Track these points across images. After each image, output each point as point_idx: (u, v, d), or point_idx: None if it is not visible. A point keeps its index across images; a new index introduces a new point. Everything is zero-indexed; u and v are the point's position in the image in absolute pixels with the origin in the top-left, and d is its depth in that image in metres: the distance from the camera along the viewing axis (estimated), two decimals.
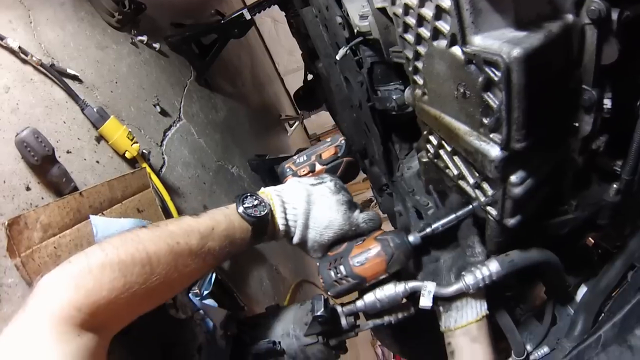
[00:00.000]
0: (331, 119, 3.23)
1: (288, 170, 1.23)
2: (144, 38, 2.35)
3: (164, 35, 2.66)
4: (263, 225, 1.02)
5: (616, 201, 0.88)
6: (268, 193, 1.08)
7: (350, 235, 1.11)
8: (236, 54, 3.94)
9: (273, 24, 5.24)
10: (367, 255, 1.02)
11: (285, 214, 1.06)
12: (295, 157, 1.25)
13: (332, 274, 1.04)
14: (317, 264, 1.09)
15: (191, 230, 0.90)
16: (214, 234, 0.93)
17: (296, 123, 5.39)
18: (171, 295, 0.94)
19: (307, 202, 1.07)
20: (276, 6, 2.85)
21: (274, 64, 5.93)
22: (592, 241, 1.29)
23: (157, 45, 2.45)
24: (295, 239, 1.08)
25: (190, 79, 2.76)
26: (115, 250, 0.76)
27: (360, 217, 1.11)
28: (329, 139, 1.26)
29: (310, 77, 3.38)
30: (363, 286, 1.06)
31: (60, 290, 0.69)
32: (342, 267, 1.03)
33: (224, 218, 0.98)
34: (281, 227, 1.06)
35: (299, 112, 5.50)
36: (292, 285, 3.05)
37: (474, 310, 1.02)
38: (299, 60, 3.44)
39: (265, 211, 1.02)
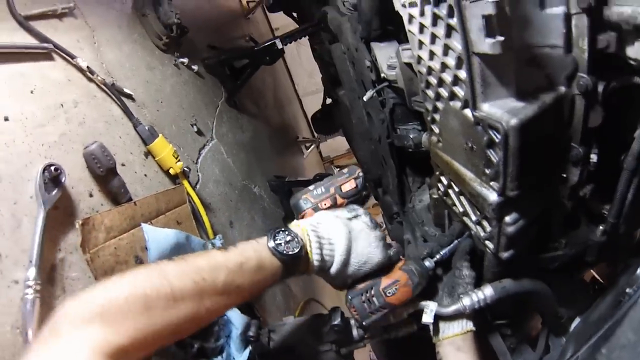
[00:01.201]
0: (345, 144, 3.28)
1: (306, 202, 1.16)
2: (185, 60, 2.50)
3: (200, 56, 2.80)
4: (295, 263, 0.99)
5: (602, 241, 0.99)
6: (304, 228, 1.04)
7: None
8: (261, 76, 4.04)
9: (295, 46, 5.25)
10: (397, 286, 1.10)
11: (322, 249, 1.03)
12: (311, 189, 1.19)
13: (366, 306, 1.09)
14: (349, 296, 1.11)
15: (219, 267, 0.86)
16: (243, 271, 0.89)
17: (312, 146, 5.45)
18: (197, 329, 0.87)
19: (348, 238, 1.05)
20: None
21: (294, 85, 5.99)
22: (594, 274, 1.38)
23: (195, 67, 2.59)
24: (332, 273, 1.06)
25: (221, 100, 2.89)
26: (142, 284, 0.76)
27: (392, 251, 1.14)
28: (345, 170, 1.22)
29: (329, 101, 3.50)
30: (393, 313, 1.14)
31: (92, 321, 0.68)
32: (375, 299, 1.08)
33: (253, 253, 0.94)
34: (316, 264, 1.02)
35: (316, 135, 5.54)
36: (301, 302, 3.13)
37: (459, 325, 1.15)
38: (319, 82, 3.48)
39: (298, 248, 0.98)
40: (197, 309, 0.81)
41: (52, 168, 1.29)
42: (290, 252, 0.97)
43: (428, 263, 1.19)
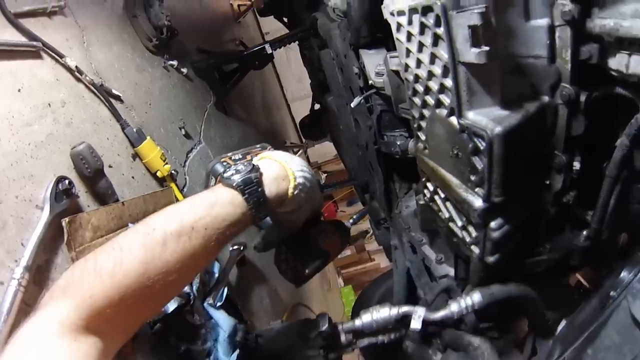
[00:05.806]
0: (333, 150, 3.29)
1: (224, 165, 1.04)
2: (175, 63, 2.49)
3: (189, 59, 2.79)
4: (252, 187, 0.90)
5: (585, 246, 1.01)
6: (263, 156, 1.01)
7: None
8: (250, 80, 4.05)
9: (285, 51, 5.23)
10: (324, 233, 1.17)
11: (302, 170, 1.00)
12: (229, 154, 1.13)
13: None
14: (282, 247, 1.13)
15: (168, 214, 0.83)
16: (195, 209, 0.84)
17: (300, 151, 5.45)
18: (166, 290, 0.82)
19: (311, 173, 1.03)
20: None
21: (282, 90, 6.03)
22: (579, 278, 1.41)
23: (184, 70, 2.59)
24: (311, 194, 1.02)
25: (210, 103, 2.89)
26: (94, 256, 0.77)
27: None
28: (258, 145, 1.19)
29: (317, 106, 3.50)
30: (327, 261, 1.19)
31: (56, 299, 0.73)
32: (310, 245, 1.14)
33: (206, 192, 0.90)
34: (300, 180, 0.97)
35: (304, 140, 5.53)
36: (289, 307, 3.14)
37: None
38: (307, 88, 3.52)
39: (250, 167, 0.92)
40: (155, 262, 0.77)
41: (66, 182, 1.34)
42: (243, 173, 0.91)
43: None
